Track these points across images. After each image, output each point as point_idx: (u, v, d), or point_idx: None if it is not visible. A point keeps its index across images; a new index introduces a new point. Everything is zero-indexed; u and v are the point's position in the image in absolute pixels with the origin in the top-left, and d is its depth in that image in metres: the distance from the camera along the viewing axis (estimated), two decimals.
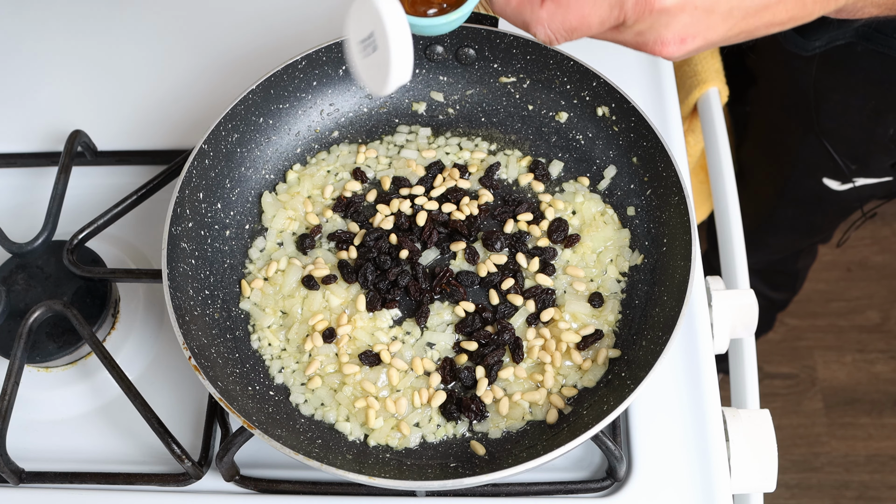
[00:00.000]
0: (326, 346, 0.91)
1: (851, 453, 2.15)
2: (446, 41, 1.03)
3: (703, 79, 1.28)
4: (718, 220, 1.16)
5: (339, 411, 0.88)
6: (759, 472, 0.88)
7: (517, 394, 0.88)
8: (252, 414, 0.82)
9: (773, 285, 1.93)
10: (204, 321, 0.90)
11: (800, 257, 1.84)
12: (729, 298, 0.98)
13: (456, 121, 1.06)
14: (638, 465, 0.88)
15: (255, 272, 0.97)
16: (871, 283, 2.37)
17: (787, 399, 2.23)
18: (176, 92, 1.17)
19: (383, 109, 1.07)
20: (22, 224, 1.06)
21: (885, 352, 2.27)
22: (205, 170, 0.95)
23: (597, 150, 1.01)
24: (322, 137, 1.06)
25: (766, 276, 1.88)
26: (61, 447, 0.94)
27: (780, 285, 1.94)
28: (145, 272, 0.96)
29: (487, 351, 0.90)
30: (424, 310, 0.92)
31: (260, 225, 1.00)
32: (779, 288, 1.95)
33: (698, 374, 0.93)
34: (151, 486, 0.90)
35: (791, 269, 1.88)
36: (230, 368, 0.88)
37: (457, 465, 0.85)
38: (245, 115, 0.99)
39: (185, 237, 0.92)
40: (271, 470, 0.91)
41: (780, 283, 1.93)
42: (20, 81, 1.21)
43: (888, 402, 2.21)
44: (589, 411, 0.85)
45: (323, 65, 1.02)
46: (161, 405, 0.91)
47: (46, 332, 0.94)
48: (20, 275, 0.98)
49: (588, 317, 0.92)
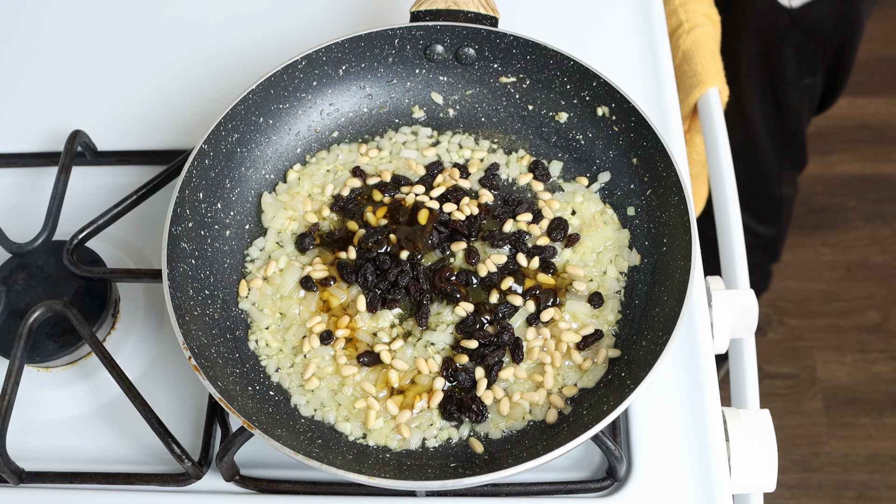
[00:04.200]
0: (323, 348, 0.91)
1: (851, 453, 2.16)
2: (446, 41, 1.03)
3: (703, 79, 1.28)
4: (718, 220, 1.16)
5: (338, 412, 0.88)
6: (759, 472, 0.88)
7: (517, 394, 0.88)
8: (252, 414, 0.82)
9: (758, 217, 1.95)
10: (204, 321, 0.90)
11: (782, 182, 1.88)
12: (729, 298, 0.98)
13: (456, 121, 1.06)
14: (638, 465, 0.88)
15: (254, 272, 0.97)
16: (871, 283, 2.37)
17: (787, 399, 2.23)
18: (176, 92, 1.17)
19: (383, 109, 1.07)
20: (22, 224, 1.06)
21: (885, 352, 2.27)
22: (205, 170, 0.95)
23: (597, 151, 1.01)
24: (322, 137, 1.06)
25: (751, 207, 1.90)
26: (61, 447, 0.94)
27: (765, 217, 1.96)
28: (145, 272, 0.96)
29: (487, 351, 0.90)
30: (424, 310, 0.92)
31: (260, 225, 1.00)
32: (764, 220, 1.96)
33: (698, 374, 0.93)
34: (151, 486, 0.90)
35: (775, 194, 1.91)
36: (230, 368, 0.88)
37: (457, 465, 0.85)
38: (245, 115, 0.99)
39: (185, 237, 0.92)
40: (271, 470, 0.91)
41: (764, 213, 1.95)
42: (20, 81, 1.21)
43: (888, 402, 2.21)
44: (589, 411, 0.85)
45: (323, 65, 1.02)
46: (161, 405, 0.91)
47: (46, 332, 0.94)
48: (20, 275, 0.98)
49: (588, 317, 0.92)
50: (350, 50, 1.02)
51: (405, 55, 1.04)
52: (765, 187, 1.90)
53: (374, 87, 1.06)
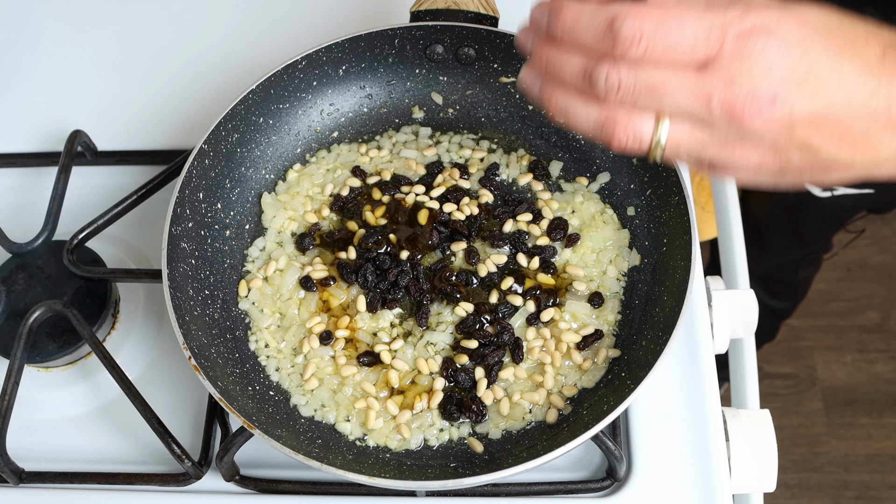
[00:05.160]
0: (323, 349, 0.91)
1: (851, 453, 2.15)
2: (446, 41, 1.03)
3: None
4: (719, 220, 1.16)
5: (339, 412, 0.88)
6: (759, 472, 0.88)
7: (517, 394, 0.88)
8: (252, 414, 0.82)
9: (773, 293, 1.92)
10: (204, 321, 0.90)
11: (800, 267, 1.83)
12: (729, 298, 0.98)
13: (456, 121, 1.06)
14: (638, 465, 0.88)
15: (254, 272, 0.97)
16: (871, 283, 2.37)
17: (787, 399, 2.23)
18: (176, 92, 1.17)
19: (383, 109, 1.07)
20: (22, 224, 1.05)
21: (885, 352, 2.27)
22: (205, 170, 0.95)
23: (597, 150, 1.01)
24: (322, 137, 1.06)
25: (766, 284, 1.88)
26: (61, 447, 0.94)
27: (780, 294, 1.93)
28: (145, 272, 0.96)
29: (487, 351, 0.90)
30: (424, 310, 0.92)
31: (260, 225, 1.00)
32: (778, 296, 1.94)
33: (698, 374, 0.93)
34: (151, 486, 0.90)
35: (791, 278, 1.87)
36: (230, 368, 0.88)
37: (457, 465, 0.85)
38: (245, 115, 0.99)
39: (185, 237, 0.92)
40: (271, 470, 0.91)
41: (779, 291, 1.92)
42: (20, 81, 1.21)
43: (888, 402, 2.21)
44: (589, 411, 0.85)
45: (323, 65, 1.02)
46: (161, 405, 0.91)
47: (46, 332, 0.94)
48: (20, 275, 0.98)
49: (588, 317, 0.92)
50: (350, 50, 1.02)
51: (405, 55, 1.04)
52: (779, 272, 1.84)
53: (374, 87, 1.06)
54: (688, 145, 0.62)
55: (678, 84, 0.59)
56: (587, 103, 0.62)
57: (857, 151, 0.61)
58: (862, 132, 0.60)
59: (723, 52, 0.58)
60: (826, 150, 0.60)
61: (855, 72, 0.59)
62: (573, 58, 0.62)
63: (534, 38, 0.64)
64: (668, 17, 0.58)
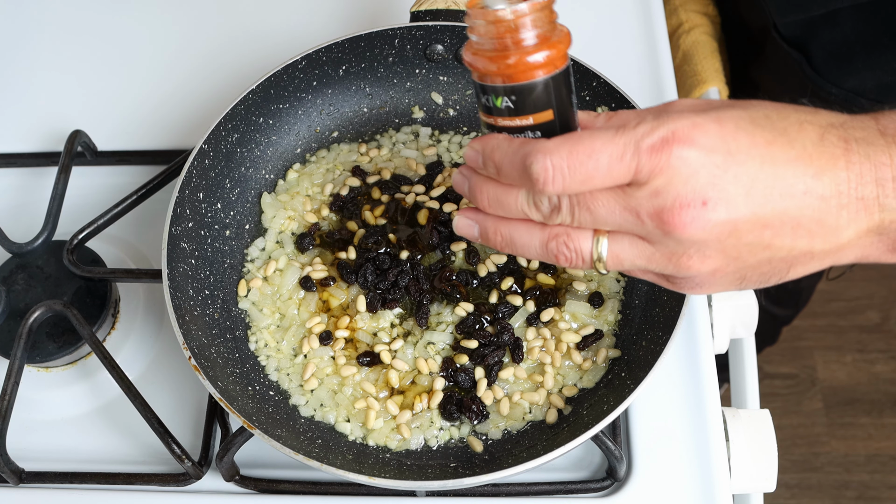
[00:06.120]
0: (323, 349, 0.91)
1: (851, 453, 2.15)
2: (446, 41, 1.03)
3: (703, 79, 1.28)
4: None
5: (338, 412, 0.88)
6: (759, 472, 0.88)
7: (517, 394, 0.88)
8: (252, 414, 0.82)
9: (776, 300, 1.92)
10: (204, 321, 0.90)
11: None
12: (729, 298, 0.98)
13: (456, 121, 1.06)
14: (638, 465, 0.88)
15: (254, 272, 0.97)
16: (871, 283, 2.37)
17: (787, 399, 2.23)
18: (176, 92, 1.17)
19: (383, 109, 1.07)
20: (22, 224, 1.06)
21: (885, 352, 2.27)
22: (205, 170, 0.95)
23: None
24: (322, 137, 1.06)
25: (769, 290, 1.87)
26: (61, 447, 0.94)
27: (782, 300, 1.92)
28: (145, 272, 0.96)
29: (487, 351, 0.90)
30: (424, 310, 0.92)
31: (260, 225, 1.00)
32: (780, 303, 1.93)
33: (698, 374, 0.93)
34: (151, 486, 0.90)
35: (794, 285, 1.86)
36: (230, 368, 0.88)
37: (457, 465, 0.85)
38: (245, 115, 0.99)
39: (185, 237, 0.92)
40: (271, 470, 0.91)
41: (781, 298, 1.91)
42: (20, 81, 1.21)
43: (888, 402, 2.21)
44: (589, 411, 0.85)
45: (323, 65, 1.02)
46: (161, 405, 0.91)
47: (46, 332, 0.94)
48: (20, 275, 0.98)
49: (588, 317, 0.92)
50: (350, 50, 1.02)
51: (405, 55, 1.04)
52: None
53: (374, 87, 1.06)
54: (631, 259, 0.62)
55: (606, 203, 0.60)
56: (530, 230, 0.64)
57: (814, 239, 0.59)
58: (815, 219, 0.59)
59: (640, 169, 0.57)
60: (780, 244, 0.59)
61: (790, 161, 0.58)
62: (513, 189, 0.63)
63: (472, 179, 0.65)
64: (578, 150, 0.58)
